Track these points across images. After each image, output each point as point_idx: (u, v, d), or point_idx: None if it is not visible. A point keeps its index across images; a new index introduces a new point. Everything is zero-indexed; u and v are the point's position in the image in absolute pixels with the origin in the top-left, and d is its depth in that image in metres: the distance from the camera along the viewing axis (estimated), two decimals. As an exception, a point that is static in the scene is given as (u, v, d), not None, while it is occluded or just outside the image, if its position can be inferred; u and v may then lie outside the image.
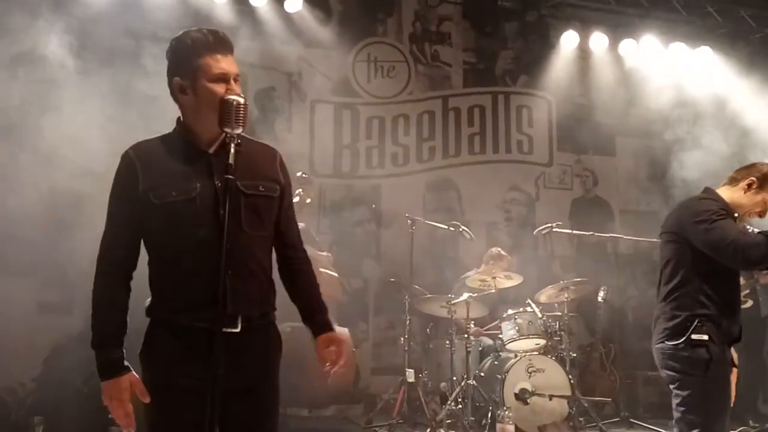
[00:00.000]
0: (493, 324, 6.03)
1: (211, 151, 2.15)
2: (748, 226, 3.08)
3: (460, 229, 6.08)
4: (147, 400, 2.05)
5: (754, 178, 3.03)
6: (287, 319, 2.43)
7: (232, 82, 2.13)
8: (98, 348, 2.08)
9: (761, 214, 3.00)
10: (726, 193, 3.08)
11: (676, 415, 2.92)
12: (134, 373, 2.09)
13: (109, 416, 2.16)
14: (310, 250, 5.31)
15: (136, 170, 2.11)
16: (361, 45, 7.55)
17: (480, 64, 7.99)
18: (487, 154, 7.88)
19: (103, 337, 2.09)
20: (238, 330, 2.06)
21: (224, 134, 2.07)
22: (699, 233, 2.90)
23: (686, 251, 2.95)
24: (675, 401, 2.92)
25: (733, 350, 2.97)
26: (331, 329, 2.34)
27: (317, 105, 7.40)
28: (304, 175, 5.44)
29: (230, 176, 2.02)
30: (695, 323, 2.86)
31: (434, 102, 7.84)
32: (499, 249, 6.41)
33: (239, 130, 2.06)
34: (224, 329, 1.95)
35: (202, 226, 2.06)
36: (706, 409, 2.83)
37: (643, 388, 6.59)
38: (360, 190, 7.44)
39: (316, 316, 2.35)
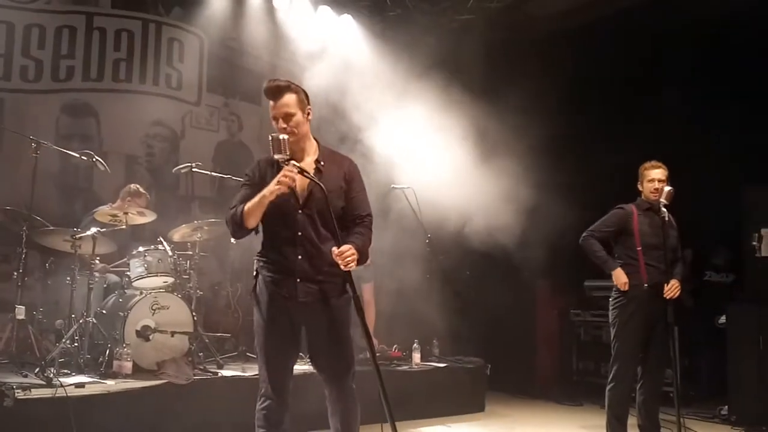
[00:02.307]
0: (121, 261, 5.84)
1: None
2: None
3: (94, 159, 5.70)
4: None
5: None
6: None
7: None
8: None
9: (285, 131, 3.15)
10: None
11: None
12: None
13: None
14: None
15: None
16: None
17: (131, -14, 7.52)
18: (133, 83, 7.48)
19: None
20: None
21: None
22: None
23: None
24: None
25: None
26: None
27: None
28: None
29: None
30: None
31: (77, 17, 7.16)
32: (138, 186, 6.20)
33: None
34: None
35: None
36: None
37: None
38: (-24, 103, 6.48)
39: None
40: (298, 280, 3.16)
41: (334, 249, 3.03)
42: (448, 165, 6.86)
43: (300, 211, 3.17)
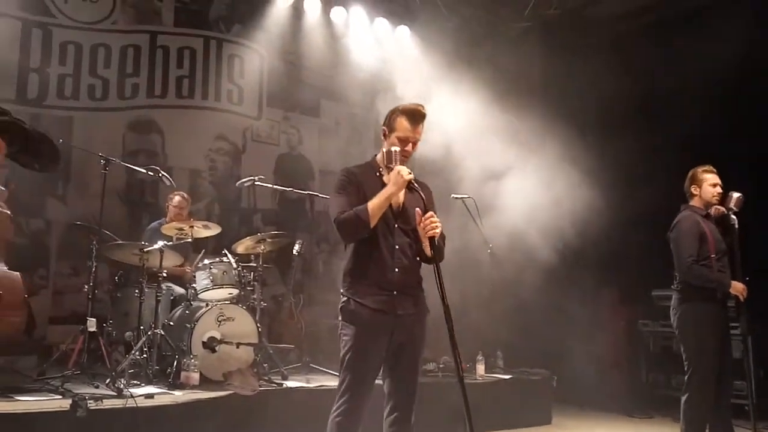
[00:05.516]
0: (186, 272, 5.93)
1: None
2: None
3: (160, 175, 5.83)
4: None
5: (383, 127, 3.29)
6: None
7: None
8: None
9: (405, 153, 3.17)
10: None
11: None
12: None
13: None
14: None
15: None
16: (56, -40, 6.72)
17: (193, 5, 7.71)
18: (196, 99, 7.66)
19: None
20: None
21: None
22: None
23: None
24: None
25: None
26: None
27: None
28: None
29: None
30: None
31: (141, 36, 7.36)
32: (175, 193, 6.23)
33: None
34: None
35: None
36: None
37: (326, 335, 7.05)
38: (48, 121, 6.70)
39: None
40: (395, 292, 3.16)
41: (418, 209, 3.08)
42: (509, 172, 6.75)
43: (396, 225, 3.21)
